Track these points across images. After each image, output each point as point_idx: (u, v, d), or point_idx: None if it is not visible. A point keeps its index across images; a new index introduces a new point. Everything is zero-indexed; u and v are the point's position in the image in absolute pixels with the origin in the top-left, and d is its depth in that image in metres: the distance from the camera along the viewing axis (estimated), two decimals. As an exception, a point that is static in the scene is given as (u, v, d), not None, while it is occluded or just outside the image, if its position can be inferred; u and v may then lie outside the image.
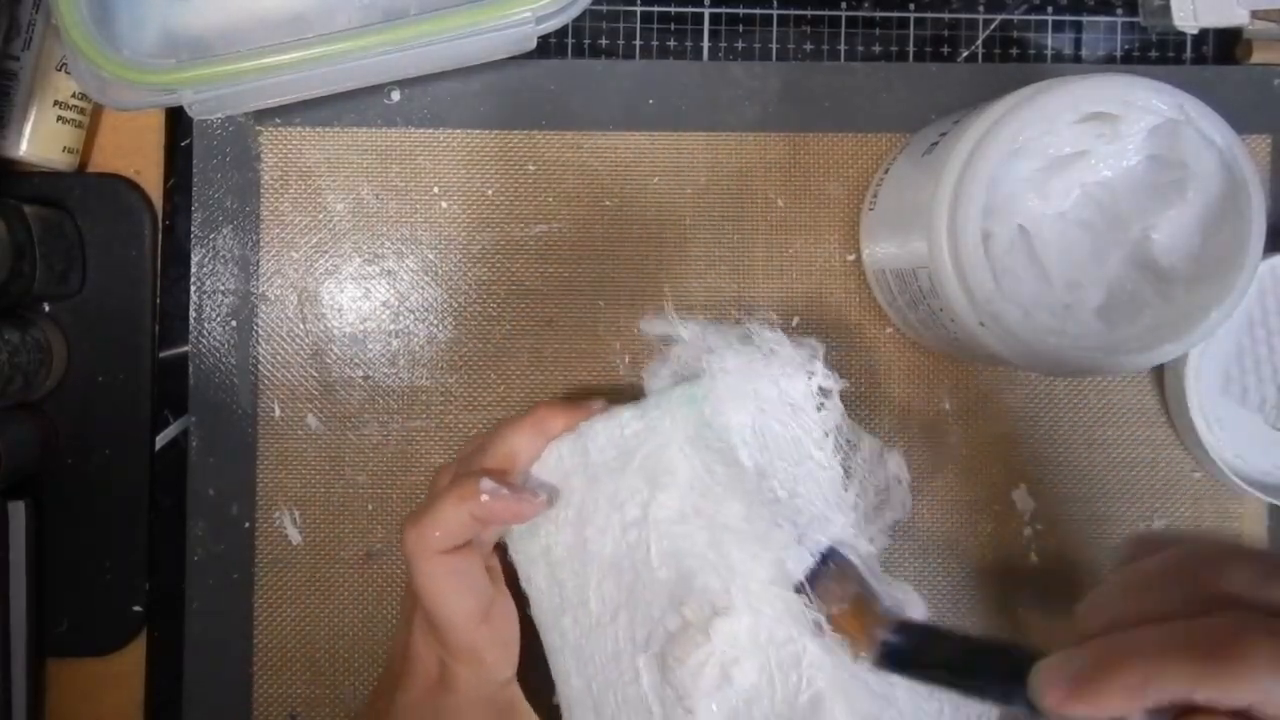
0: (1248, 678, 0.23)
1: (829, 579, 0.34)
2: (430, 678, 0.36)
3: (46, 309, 0.45)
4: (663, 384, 0.37)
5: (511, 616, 0.37)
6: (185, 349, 0.45)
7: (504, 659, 0.37)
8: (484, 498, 0.34)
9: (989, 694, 0.29)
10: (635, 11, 0.46)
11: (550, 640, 0.37)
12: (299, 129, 0.45)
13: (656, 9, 0.46)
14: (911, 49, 0.47)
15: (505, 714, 0.37)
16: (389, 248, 0.45)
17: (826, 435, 0.37)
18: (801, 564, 0.34)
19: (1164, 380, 0.45)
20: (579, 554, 0.36)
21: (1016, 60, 0.47)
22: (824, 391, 0.37)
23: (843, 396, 0.45)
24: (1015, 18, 0.47)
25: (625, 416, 0.36)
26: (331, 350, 0.45)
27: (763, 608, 0.34)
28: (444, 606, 0.35)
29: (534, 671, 0.38)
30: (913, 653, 0.31)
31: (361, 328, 0.45)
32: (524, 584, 0.38)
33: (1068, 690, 0.26)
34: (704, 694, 0.34)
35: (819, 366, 0.37)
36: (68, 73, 0.43)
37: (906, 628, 0.32)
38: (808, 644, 0.34)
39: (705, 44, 0.47)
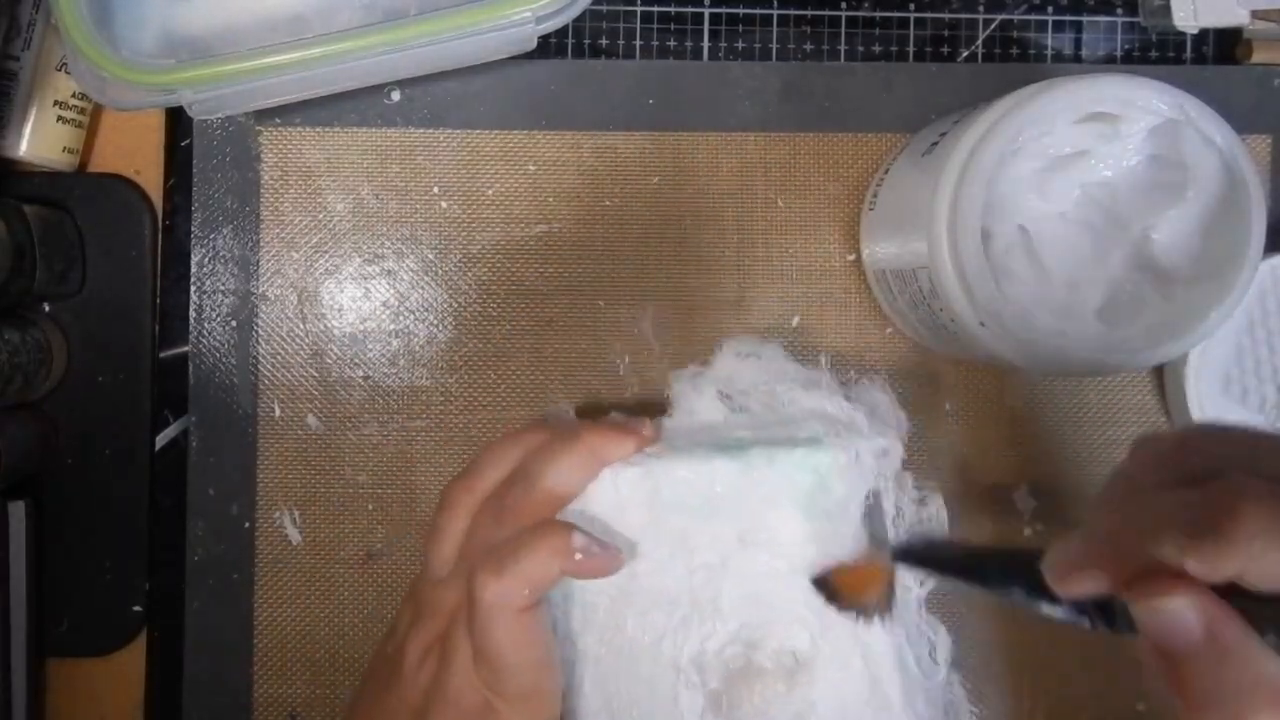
0: (1234, 543, 0.23)
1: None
2: (469, 714, 0.33)
3: (47, 309, 0.45)
4: (703, 400, 0.36)
5: (558, 672, 0.35)
6: (185, 349, 0.45)
7: (556, 702, 0.34)
8: (578, 556, 0.32)
9: (991, 584, 0.30)
10: (635, 11, 0.46)
11: (563, 651, 0.36)
12: (299, 129, 0.45)
13: (656, 9, 0.46)
14: (911, 49, 0.47)
15: None
16: (389, 248, 0.45)
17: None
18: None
19: (1164, 380, 0.45)
20: (623, 582, 0.34)
21: (1017, 60, 0.47)
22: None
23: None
24: (1015, 17, 0.47)
25: (719, 466, 0.34)
26: (331, 350, 0.45)
27: (851, 662, 0.34)
28: (514, 655, 0.32)
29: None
30: (925, 549, 0.33)
31: (361, 328, 0.45)
32: None
33: (1072, 566, 0.27)
34: None
35: (895, 441, 0.36)
36: (68, 73, 0.43)
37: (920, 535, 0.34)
38: (891, 696, 0.34)
39: (705, 44, 0.47)
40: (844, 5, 0.47)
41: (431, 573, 0.37)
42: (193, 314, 0.45)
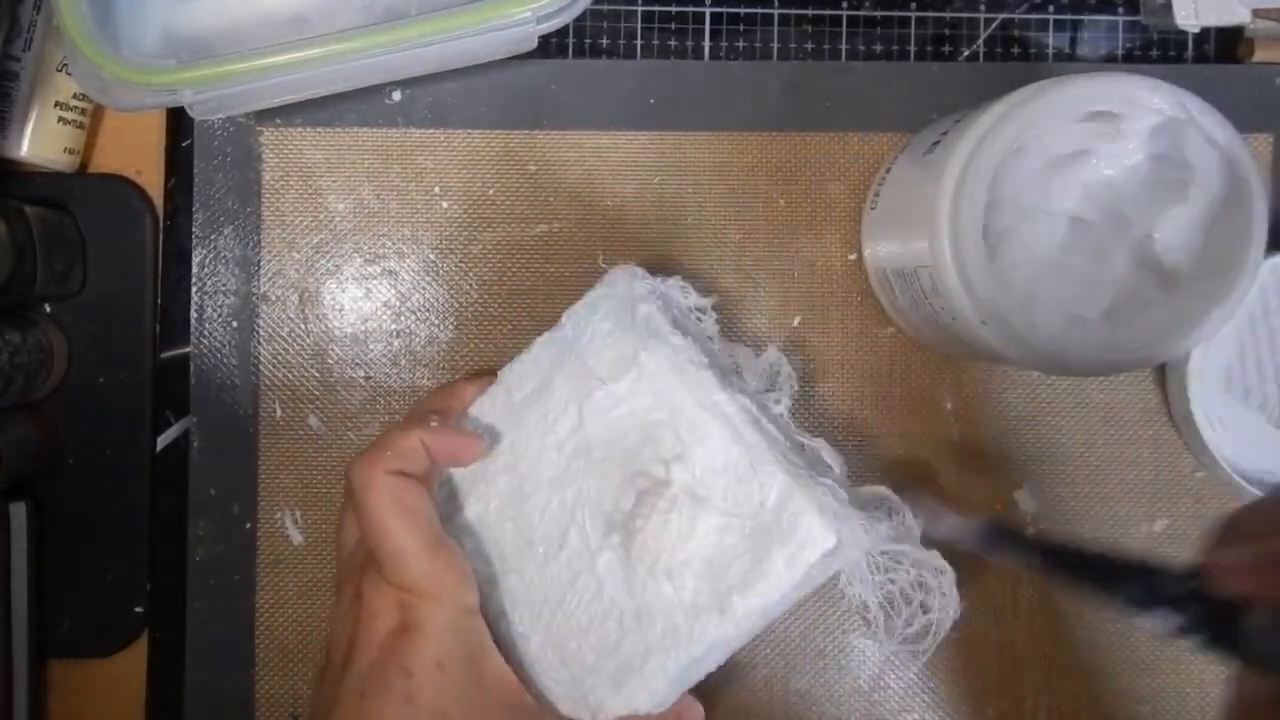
0: None
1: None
2: (389, 630, 0.33)
3: (48, 310, 0.45)
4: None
5: (461, 552, 0.36)
6: (186, 349, 0.45)
7: (465, 585, 0.34)
8: (433, 422, 0.36)
9: (1096, 580, 0.30)
10: (636, 11, 0.46)
11: (493, 610, 0.37)
12: (300, 129, 0.45)
13: (657, 8, 0.46)
14: (913, 48, 0.47)
15: (474, 649, 0.34)
16: (390, 248, 0.45)
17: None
18: (734, 388, 0.36)
19: (1166, 379, 0.45)
20: (516, 499, 0.37)
21: (1018, 59, 0.47)
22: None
23: (844, 398, 0.45)
24: (1016, 17, 0.47)
25: (537, 346, 0.38)
26: (333, 350, 0.45)
27: (710, 432, 0.35)
28: (398, 536, 0.33)
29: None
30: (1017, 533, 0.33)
31: (363, 328, 0.45)
32: None
33: (1244, 565, 0.27)
34: (674, 547, 0.35)
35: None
36: (69, 73, 0.43)
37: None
38: (757, 449, 0.35)
39: (706, 43, 0.47)
40: (845, 4, 0.47)
41: (341, 548, 0.38)
42: (194, 314, 0.45)
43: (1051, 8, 0.47)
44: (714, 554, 0.35)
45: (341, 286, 0.45)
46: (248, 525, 0.45)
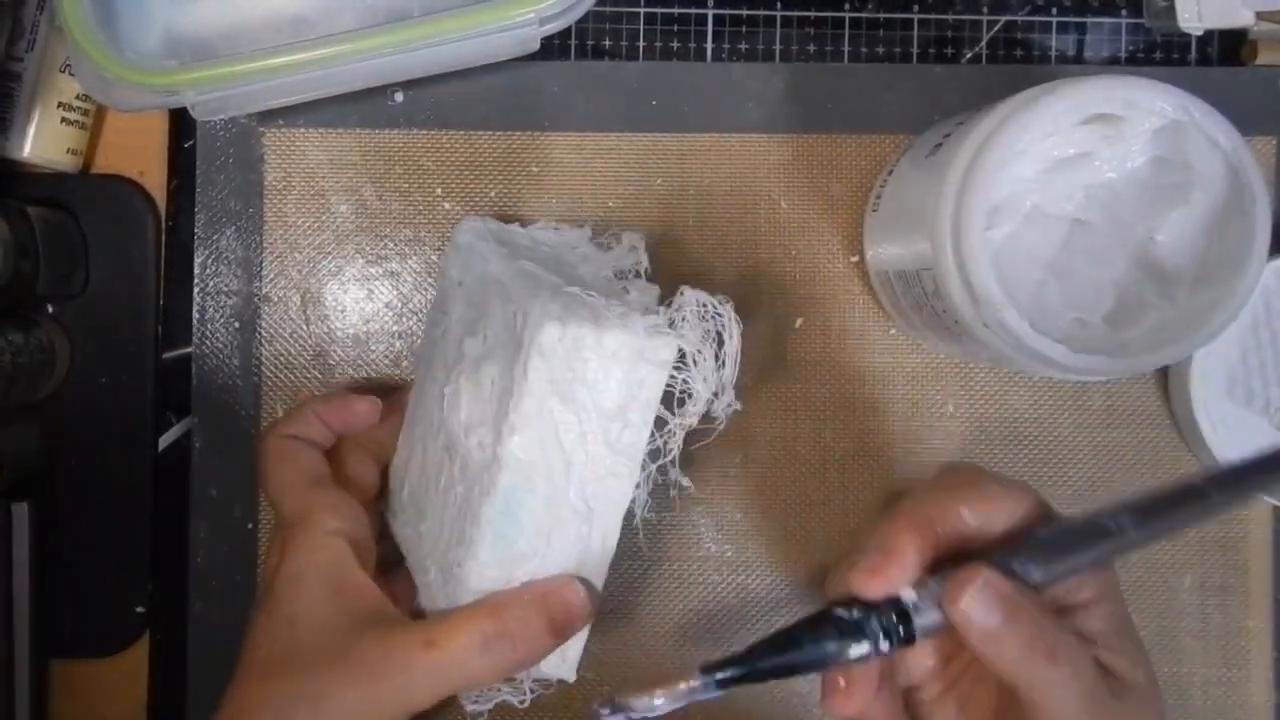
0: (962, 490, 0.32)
1: None
2: (273, 566, 0.36)
3: (50, 310, 0.45)
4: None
5: (338, 491, 0.38)
6: (188, 350, 0.45)
7: (327, 512, 0.37)
8: (325, 394, 0.43)
9: (806, 659, 0.31)
10: (638, 13, 0.46)
11: (423, 566, 0.38)
12: (302, 130, 0.45)
13: (659, 10, 0.46)
14: (915, 50, 0.47)
15: (333, 565, 0.36)
16: (392, 249, 0.45)
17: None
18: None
19: (1168, 382, 0.45)
20: (422, 461, 0.39)
21: (1020, 61, 0.47)
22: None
23: (844, 400, 0.45)
24: (1019, 19, 0.47)
25: (426, 325, 0.43)
26: (334, 352, 0.45)
27: (490, 300, 0.36)
28: (276, 481, 0.38)
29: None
30: (728, 669, 0.31)
31: (365, 329, 0.45)
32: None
33: (869, 569, 0.31)
34: (469, 410, 0.35)
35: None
36: (71, 74, 0.43)
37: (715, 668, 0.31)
38: (519, 295, 0.34)
39: (708, 45, 0.46)
40: (847, 6, 0.47)
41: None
42: (196, 315, 0.45)
43: (1054, 10, 0.47)
44: (498, 400, 0.34)
45: (343, 287, 0.45)
46: (249, 526, 0.45)
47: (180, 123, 0.46)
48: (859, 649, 0.30)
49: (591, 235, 0.43)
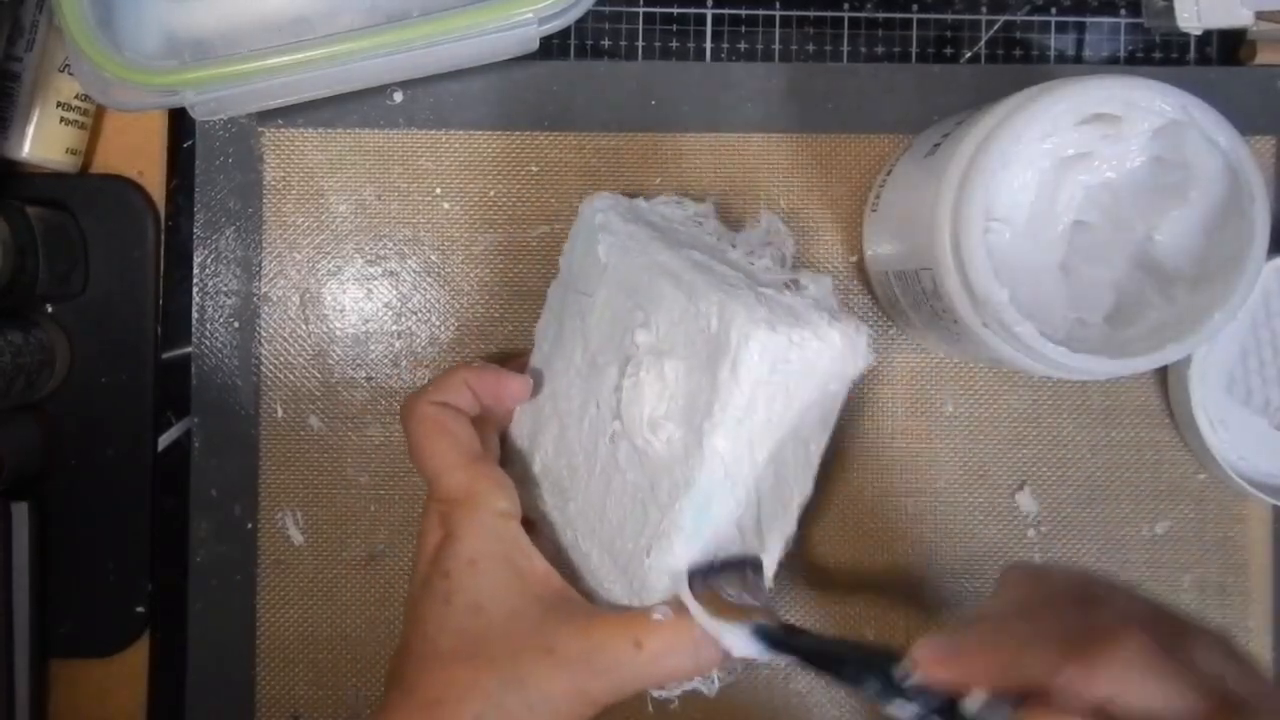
0: (1109, 668, 0.24)
1: (731, 577, 0.35)
2: (435, 544, 0.36)
3: (49, 310, 0.45)
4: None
5: (498, 467, 0.38)
6: (188, 350, 0.45)
7: (498, 492, 0.36)
8: (476, 363, 0.40)
9: (845, 677, 0.31)
10: (638, 12, 0.46)
11: (566, 542, 0.38)
12: (301, 130, 0.45)
13: (659, 10, 0.46)
14: (914, 50, 0.47)
15: (510, 548, 0.35)
16: (391, 249, 0.45)
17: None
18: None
19: (1167, 382, 0.45)
20: (562, 436, 0.39)
21: (1019, 61, 0.47)
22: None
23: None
24: (1018, 19, 0.47)
25: (548, 296, 0.42)
26: (334, 351, 0.45)
27: (663, 291, 0.35)
28: (434, 456, 0.36)
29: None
30: (785, 636, 0.32)
31: (364, 329, 0.45)
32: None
33: (940, 656, 0.28)
34: (652, 404, 0.35)
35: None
36: (70, 74, 0.43)
37: (779, 623, 0.33)
38: (697, 286, 0.34)
39: (708, 45, 0.47)
40: (846, 6, 0.47)
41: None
42: (195, 315, 0.45)
43: (1053, 10, 0.47)
44: (687, 396, 0.34)
45: (343, 287, 0.45)
46: (249, 526, 0.45)
47: (179, 122, 0.46)
48: (895, 709, 0.29)
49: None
